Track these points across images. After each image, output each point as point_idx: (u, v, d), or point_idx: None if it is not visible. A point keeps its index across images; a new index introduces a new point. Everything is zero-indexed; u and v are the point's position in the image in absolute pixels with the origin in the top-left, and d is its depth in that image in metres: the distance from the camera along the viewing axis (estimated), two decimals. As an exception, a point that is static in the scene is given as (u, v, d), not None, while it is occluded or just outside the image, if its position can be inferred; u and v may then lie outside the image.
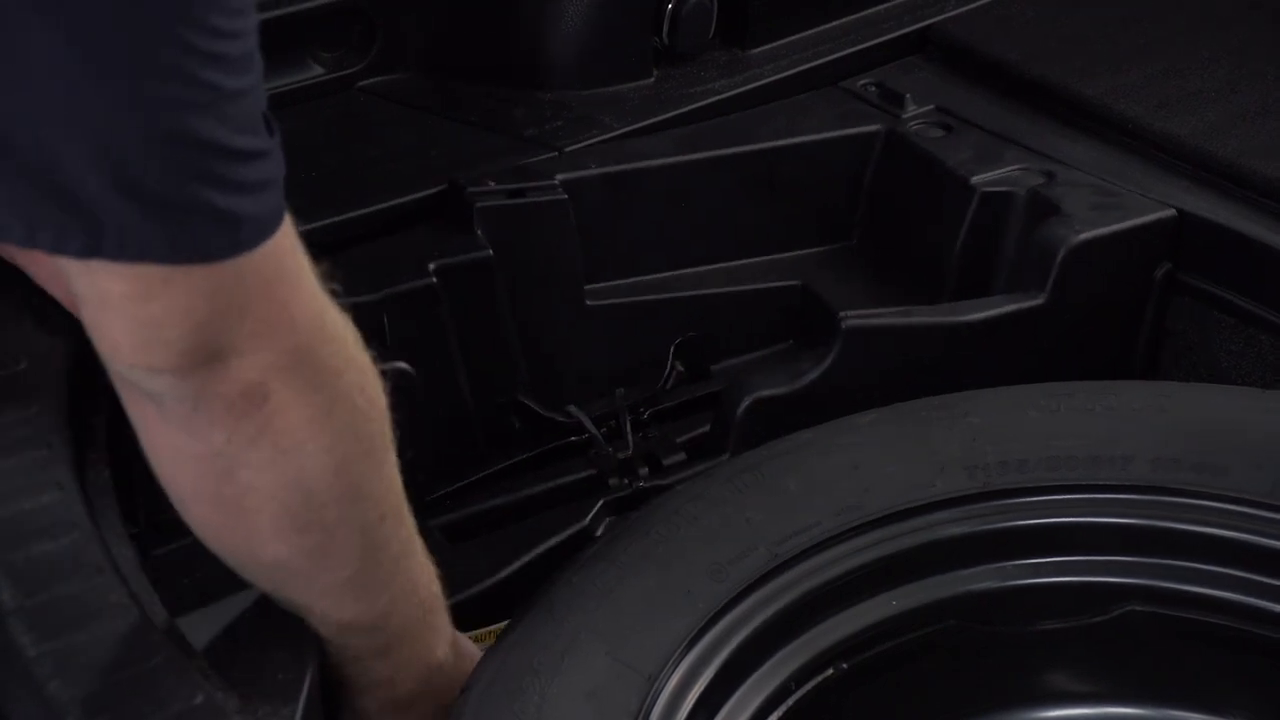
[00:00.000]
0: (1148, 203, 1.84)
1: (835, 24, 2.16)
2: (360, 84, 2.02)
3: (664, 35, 2.04)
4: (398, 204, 1.82)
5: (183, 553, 1.28)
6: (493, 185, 1.80)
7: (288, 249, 1.12)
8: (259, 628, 1.26)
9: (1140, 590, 1.48)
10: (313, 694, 1.22)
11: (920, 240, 1.95)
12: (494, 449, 1.80)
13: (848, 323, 1.71)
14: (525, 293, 1.81)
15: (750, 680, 1.37)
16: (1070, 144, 1.96)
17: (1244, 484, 1.46)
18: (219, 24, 1.01)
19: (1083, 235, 1.77)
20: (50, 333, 1.32)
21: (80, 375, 1.29)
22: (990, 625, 1.49)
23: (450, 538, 1.68)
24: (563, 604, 1.34)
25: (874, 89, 2.07)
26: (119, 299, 1.06)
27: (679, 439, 1.80)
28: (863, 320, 1.73)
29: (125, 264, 1.04)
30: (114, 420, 1.26)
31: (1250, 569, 1.45)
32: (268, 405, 1.12)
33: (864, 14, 2.18)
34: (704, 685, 1.31)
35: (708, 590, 1.36)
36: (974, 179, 1.88)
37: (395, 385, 1.53)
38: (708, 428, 1.78)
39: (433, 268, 1.73)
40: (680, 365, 1.91)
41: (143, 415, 1.16)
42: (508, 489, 1.74)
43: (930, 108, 2.02)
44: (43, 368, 1.33)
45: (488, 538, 1.68)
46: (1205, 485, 1.46)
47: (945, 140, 1.97)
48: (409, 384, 1.60)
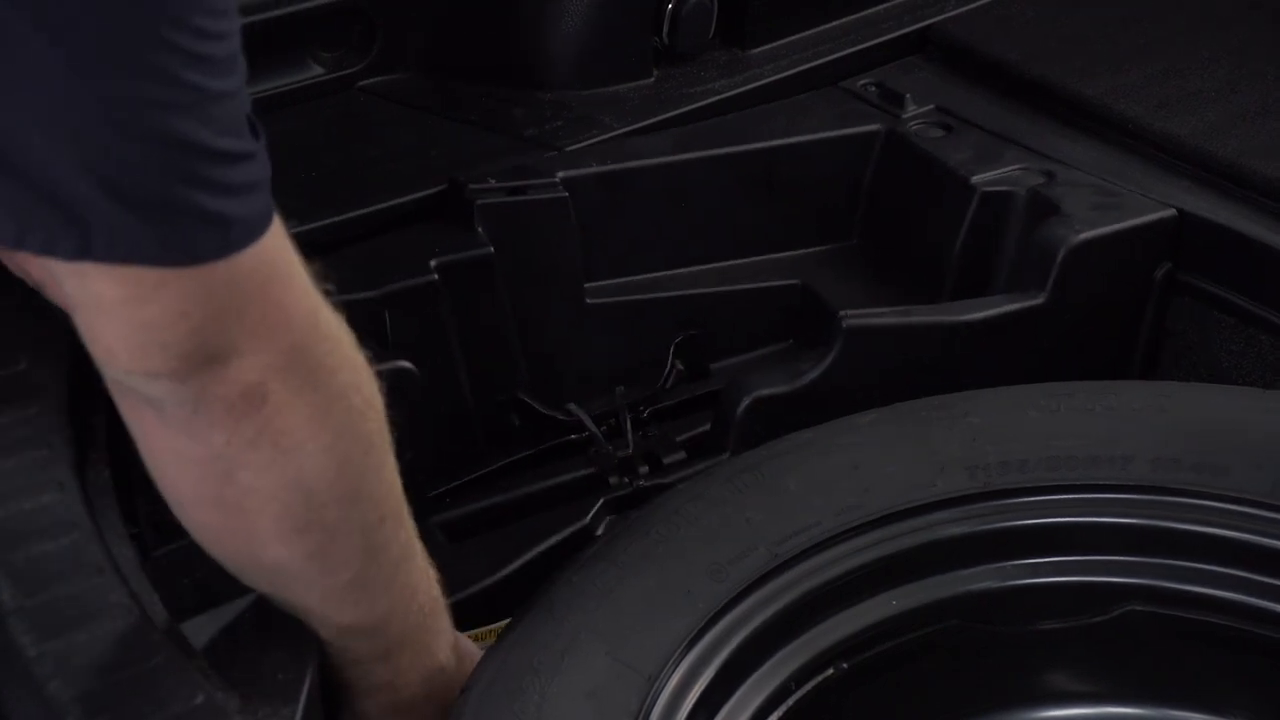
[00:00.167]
0: (1148, 203, 1.84)
1: (835, 24, 2.16)
2: (360, 84, 2.02)
3: (664, 35, 2.04)
4: (398, 204, 1.82)
5: (183, 553, 1.28)
6: (493, 183, 1.81)
7: (279, 250, 1.11)
8: (259, 628, 1.26)
9: (1140, 590, 1.48)
10: (313, 694, 1.22)
11: (920, 240, 1.95)
12: (494, 447, 1.80)
13: (848, 322, 1.71)
14: (525, 290, 1.81)
15: (750, 680, 1.37)
16: (1070, 144, 1.96)
17: (1244, 484, 1.46)
18: (202, 25, 1.01)
19: (1083, 235, 1.77)
20: (50, 333, 1.32)
21: (80, 375, 1.29)
22: (990, 625, 1.49)
23: (449, 535, 1.68)
24: (563, 604, 1.34)
25: (874, 89, 2.07)
26: (113, 304, 1.06)
27: (679, 438, 1.80)
28: (863, 320, 1.73)
29: (117, 267, 1.04)
30: (114, 420, 1.26)
31: (1250, 569, 1.45)
32: (267, 406, 1.12)
33: (864, 14, 2.18)
34: (704, 685, 1.31)
35: (708, 590, 1.36)
36: (974, 179, 1.88)
37: (396, 385, 1.54)
38: (707, 426, 1.78)
39: (434, 265, 1.73)
40: (680, 364, 1.91)
41: (140, 420, 1.15)
42: (507, 487, 1.74)
43: (930, 108, 2.02)
44: (43, 368, 1.33)
45: (488, 536, 1.68)
46: (1205, 485, 1.46)
47: (945, 140, 1.97)
48: (410, 383, 1.60)
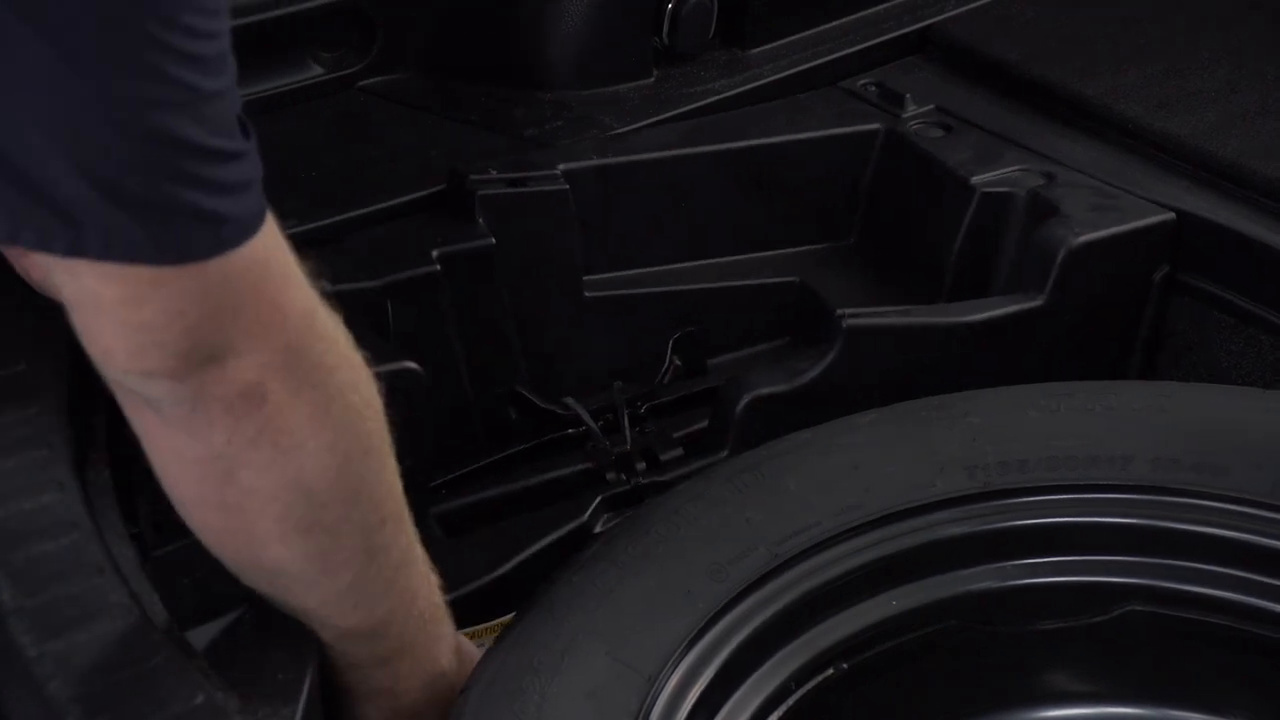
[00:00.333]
0: (1147, 205, 1.83)
1: (835, 24, 2.16)
2: (360, 84, 2.02)
3: (664, 35, 2.04)
4: (398, 203, 1.82)
5: (183, 553, 1.28)
6: (494, 174, 1.81)
7: (274, 248, 1.11)
8: (259, 628, 1.26)
9: (1140, 590, 1.48)
10: (313, 694, 1.22)
11: (919, 240, 1.95)
12: (492, 440, 1.80)
13: (848, 322, 1.71)
14: (524, 282, 1.82)
15: (750, 680, 1.37)
16: (1070, 144, 1.96)
17: (1244, 484, 1.46)
18: (194, 24, 1.01)
19: (1082, 238, 1.77)
20: (50, 333, 1.32)
21: (80, 375, 1.29)
22: (990, 625, 1.49)
23: (446, 528, 1.68)
24: (563, 604, 1.34)
25: (874, 89, 2.07)
26: (109, 303, 1.06)
27: (676, 434, 1.80)
28: (863, 320, 1.73)
29: (112, 265, 1.04)
30: (114, 420, 1.26)
31: (1250, 569, 1.45)
32: (267, 405, 1.12)
33: (864, 14, 2.18)
34: (704, 685, 1.31)
35: (708, 590, 1.36)
36: (974, 179, 1.88)
37: (401, 385, 1.54)
38: (705, 423, 1.78)
39: (435, 255, 1.74)
40: (678, 360, 1.91)
41: (143, 420, 1.15)
42: (505, 480, 1.74)
43: (930, 108, 2.02)
44: (43, 368, 1.33)
45: (485, 533, 1.68)
46: (1205, 485, 1.46)
47: (945, 140, 1.96)
48: (415, 383, 1.59)
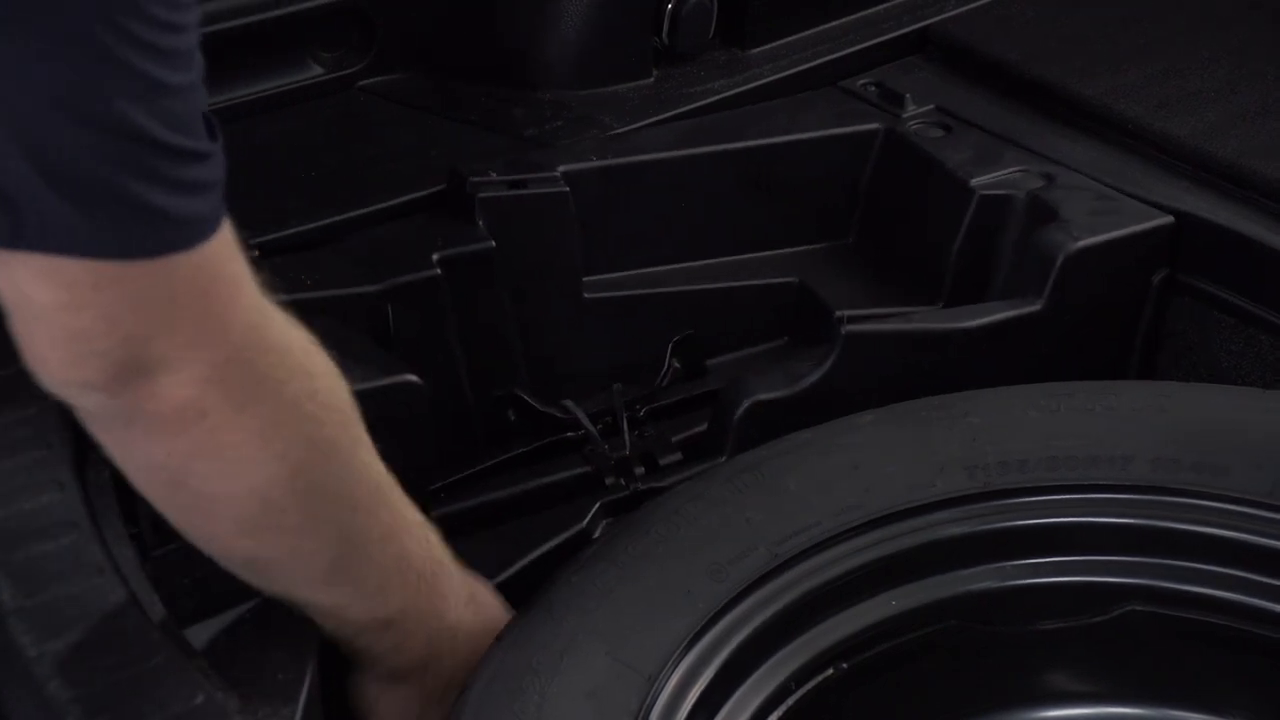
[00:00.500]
0: (1146, 209, 1.83)
1: (835, 24, 2.16)
2: (360, 84, 2.02)
3: (664, 35, 2.04)
4: (397, 204, 1.82)
5: (183, 553, 1.28)
6: (494, 176, 1.80)
7: (224, 258, 1.07)
8: (259, 628, 1.26)
9: (1140, 590, 1.48)
10: (313, 694, 1.22)
11: (918, 240, 1.95)
12: (491, 443, 1.80)
13: (847, 328, 1.70)
14: (524, 285, 1.81)
15: (750, 680, 1.37)
16: (1070, 144, 1.95)
17: (1244, 484, 1.45)
18: (157, 14, 0.98)
19: (1081, 242, 1.76)
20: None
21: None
22: (990, 625, 1.49)
23: (444, 532, 1.67)
24: (563, 604, 1.34)
25: (874, 89, 2.06)
26: (46, 308, 1.03)
27: (675, 438, 1.79)
28: (862, 326, 1.73)
29: (49, 261, 1.00)
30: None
31: (1250, 569, 1.45)
32: (206, 421, 1.09)
33: (864, 14, 2.17)
34: (704, 685, 1.31)
35: (708, 590, 1.36)
36: (973, 181, 1.87)
37: (402, 399, 1.54)
38: (704, 426, 1.78)
39: (436, 258, 1.73)
40: (677, 363, 1.91)
41: (89, 422, 1.13)
42: (503, 484, 1.73)
43: (930, 108, 2.02)
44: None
45: (485, 537, 1.67)
46: (1205, 485, 1.46)
47: (945, 140, 1.96)
48: (417, 396, 1.58)
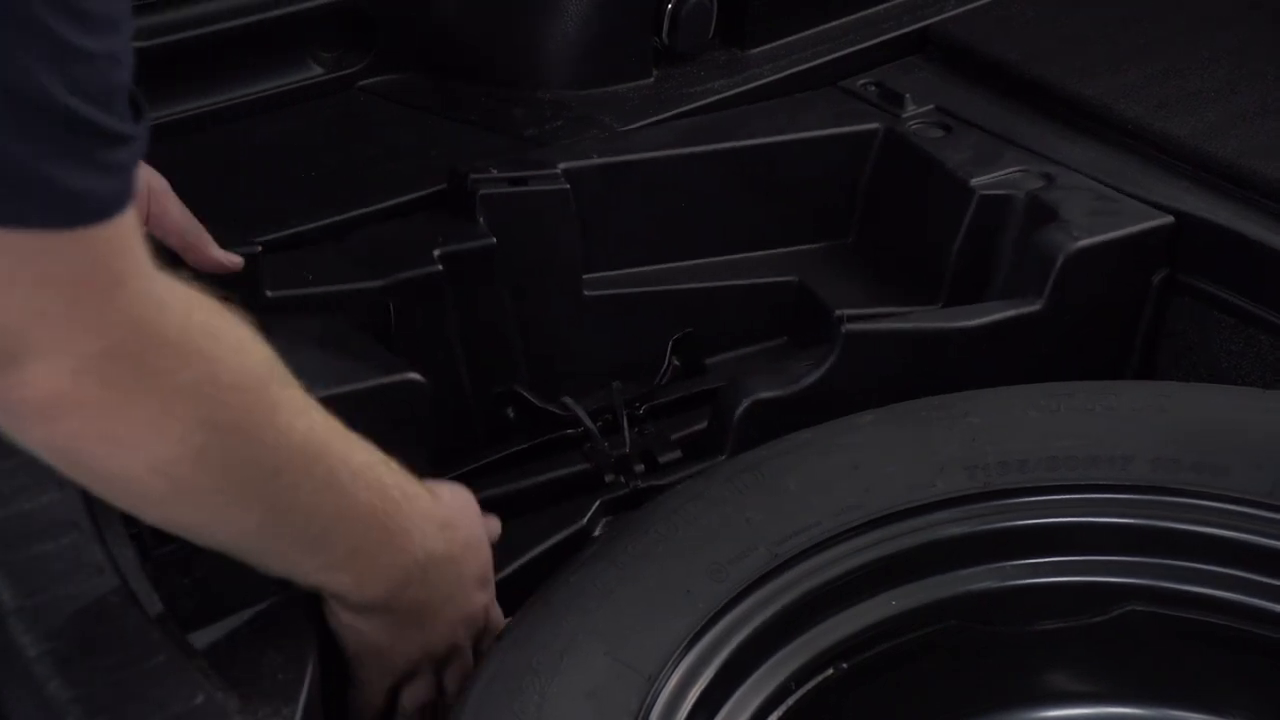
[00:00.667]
0: (1146, 209, 1.83)
1: (835, 24, 2.16)
2: (360, 84, 2.03)
3: (664, 35, 2.04)
4: (398, 203, 1.82)
5: (183, 553, 1.28)
6: (495, 173, 1.81)
7: (112, 249, 1.01)
8: (259, 628, 1.26)
9: (1140, 590, 1.48)
10: (313, 694, 1.22)
11: (918, 240, 1.95)
12: (490, 440, 1.80)
13: (847, 327, 1.70)
14: (524, 282, 1.81)
15: (750, 680, 1.37)
16: (1070, 144, 1.95)
17: (1244, 484, 1.45)
18: None
19: (1080, 243, 1.76)
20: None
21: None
22: (990, 625, 1.49)
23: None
24: (562, 604, 1.34)
25: (874, 89, 2.06)
26: None
27: (675, 436, 1.79)
28: (862, 325, 1.73)
29: None
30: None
31: (1250, 569, 1.45)
32: (85, 410, 1.03)
33: (864, 14, 2.17)
34: (704, 685, 1.31)
35: (708, 590, 1.36)
36: (973, 181, 1.87)
37: (404, 397, 1.54)
38: (704, 425, 1.78)
39: (437, 255, 1.74)
40: (677, 361, 1.91)
41: None
42: (502, 481, 1.74)
43: (930, 108, 2.02)
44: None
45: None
46: (1205, 485, 1.46)
47: (944, 140, 1.96)
48: (419, 394, 1.58)
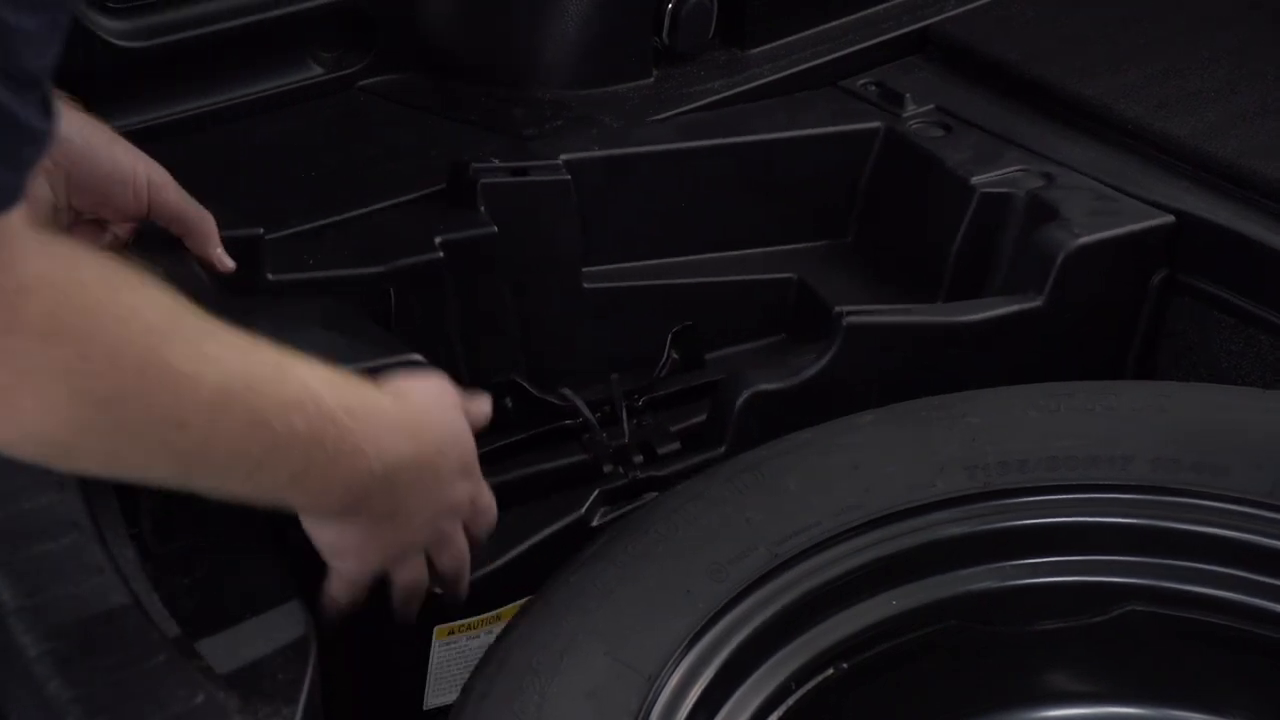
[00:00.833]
0: (1146, 209, 1.83)
1: (835, 24, 2.16)
2: (360, 84, 2.03)
3: (664, 35, 2.04)
4: (397, 203, 1.82)
5: (182, 552, 1.28)
6: (497, 163, 1.81)
7: None
8: (259, 628, 1.26)
9: (1140, 590, 1.48)
10: (313, 694, 1.22)
11: (917, 239, 1.95)
12: (489, 430, 1.79)
13: (848, 320, 1.71)
14: (524, 272, 1.82)
15: (750, 680, 1.37)
16: (1070, 144, 1.96)
17: (1244, 484, 1.45)
18: None
19: (1081, 240, 1.77)
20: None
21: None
22: (990, 625, 1.49)
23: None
24: (562, 604, 1.34)
25: (874, 88, 2.07)
26: None
27: (674, 428, 1.79)
28: (862, 318, 1.73)
29: None
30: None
31: (1250, 569, 1.45)
32: None
33: (864, 14, 2.18)
34: (704, 685, 1.31)
35: (708, 590, 1.36)
36: (973, 179, 1.88)
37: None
38: (703, 417, 1.77)
39: (439, 242, 1.74)
40: (675, 354, 1.91)
41: None
42: (500, 471, 1.73)
43: (930, 107, 2.02)
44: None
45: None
46: (1205, 485, 1.46)
47: (945, 140, 1.96)
48: None
